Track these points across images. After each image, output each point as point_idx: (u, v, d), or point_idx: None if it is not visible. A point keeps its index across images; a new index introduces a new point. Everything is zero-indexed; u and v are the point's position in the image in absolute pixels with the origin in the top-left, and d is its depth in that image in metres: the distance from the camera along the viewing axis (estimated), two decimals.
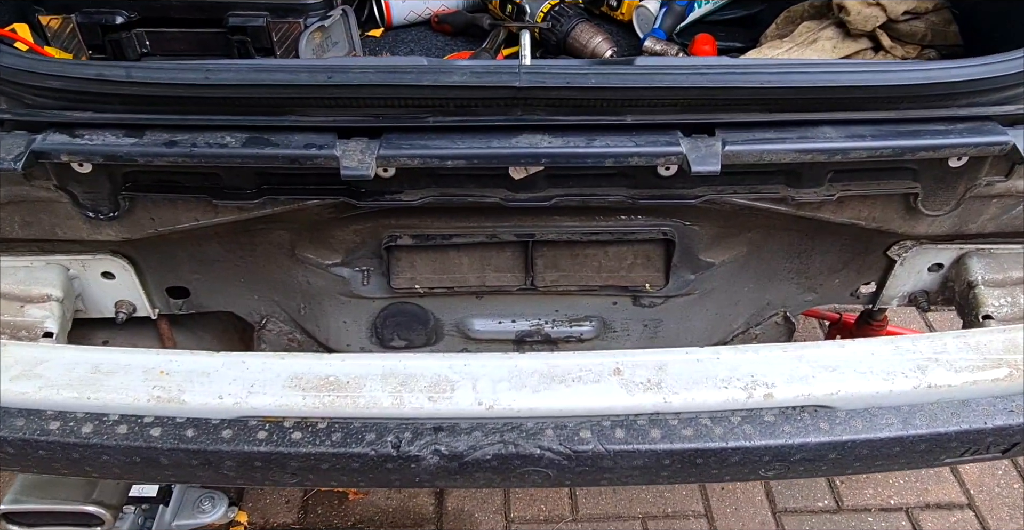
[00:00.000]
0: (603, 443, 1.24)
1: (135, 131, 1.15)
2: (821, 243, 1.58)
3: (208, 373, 1.30)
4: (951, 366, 1.32)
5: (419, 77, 1.09)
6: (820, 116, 1.18)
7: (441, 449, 1.23)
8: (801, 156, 1.16)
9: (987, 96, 1.18)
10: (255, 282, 1.64)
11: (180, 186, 1.27)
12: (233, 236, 1.52)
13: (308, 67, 1.10)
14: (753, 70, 1.14)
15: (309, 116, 1.16)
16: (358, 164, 1.12)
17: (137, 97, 1.13)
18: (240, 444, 1.23)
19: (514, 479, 1.31)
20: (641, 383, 1.28)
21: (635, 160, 1.15)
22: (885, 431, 1.26)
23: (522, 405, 1.25)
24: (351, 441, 1.23)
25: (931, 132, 1.18)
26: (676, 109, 1.17)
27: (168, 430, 1.24)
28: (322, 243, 1.52)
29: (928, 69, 1.14)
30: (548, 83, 1.10)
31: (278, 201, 1.29)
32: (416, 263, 1.53)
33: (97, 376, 1.30)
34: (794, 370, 1.30)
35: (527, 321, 1.65)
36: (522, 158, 1.15)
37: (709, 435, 1.24)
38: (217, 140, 1.13)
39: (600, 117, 1.17)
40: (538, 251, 1.52)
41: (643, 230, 1.47)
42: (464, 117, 1.16)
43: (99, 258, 1.53)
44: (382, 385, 1.27)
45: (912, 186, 1.33)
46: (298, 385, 1.28)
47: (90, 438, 1.23)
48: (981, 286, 1.55)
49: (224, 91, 1.10)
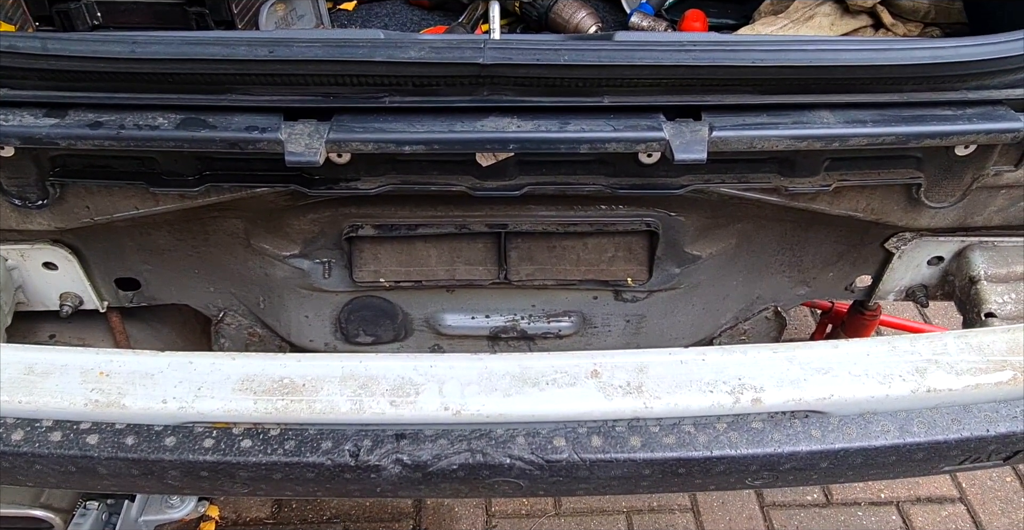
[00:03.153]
0: (578, 452, 1.17)
1: (57, 110, 1.04)
2: (815, 235, 1.51)
3: (152, 375, 1.23)
4: (951, 369, 1.25)
5: (371, 52, 0.98)
6: (817, 98, 1.09)
7: (403, 458, 1.16)
8: (796, 143, 1.06)
9: (999, 78, 1.08)
10: (210, 273, 1.55)
11: (113, 171, 1.16)
12: (183, 224, 1.43)
13: (248, 40, 0.99)
14: (744, 48, 1.03)
15: (252, 95, 1.05)
16: (305, 149, 1.01)
17: (57, 72, 1.01)
18: (184, 453, 1.16)
19: (483, 489, 1.26)
20: (620, 386, 1.21)
21: (613, 146, 1.05)
22: (881, 439, 1.20)
23: (492, 410, 1.18)
24: (306, 450, 1.16)
25: (938, 117, 1.09)
26: (659, 90, 1.06)
27: (106, 437, 1.16)
28: (278, 232, 1.42)
29: (937, 47, 1.04)
30: (516, 60, 0.99)
31: (222, 188, 1.19)
32: (380, 255, 1.43)
33: (31, 378, 1.23)
34: (784, 373, 1.24)
35: (502, 316, 1.56)
36: (488, 143, 1.05)
37: (692, 443, 1.18)
38: (148, 121, 1.02)
39: (575, 98, 1.07)
40: (512, 243, 1.43)
41: (625, 221, 1.39)
42: (424, 97, 1.06)
43: (38, 248, 1.44)
44: (340, 388, 1.20)
45: (915, 176, 1.24)
46: (249, 388, 1.21)
47: (20, 446, 1.16)
48: (984, 281, 1.48)
49: (153, 66, 0.99)
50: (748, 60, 1.01)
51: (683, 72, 1.02)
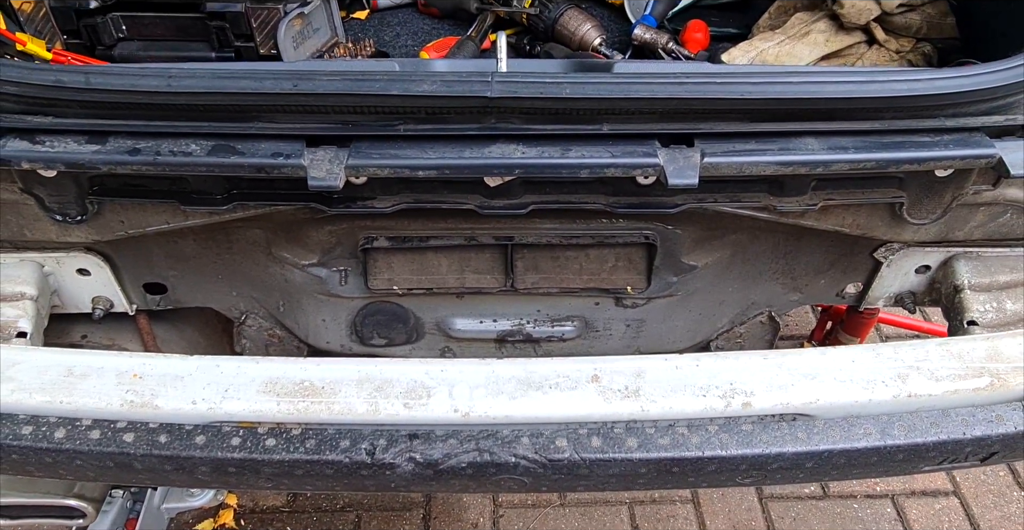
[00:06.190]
0: (579, 452, 1.23)
1: (98, 137, 1.12)
2: (807, 245, 1.56)
3: (182, 377, 1.29)
4: (932, 375, 1.30)
5: (387, 86, 1.06)
6: (802, 126, 1.15)
7: (416, 457, 1.22)
8: (782, 169, 1.13)
9: (975, 107, 1.14)
10: (233, 279, 1.62)
11: (148, 190, 1.24)
12: (209, 234, 1.50)
13: (274, 73, 1.06)
14: (733, 80, 1.10)
15: (277, 122, 1.13)
16: (326, 174, 1.09)
17: (99, 103, 1.09)
18: (214, 450, 1.22)
19: (489, 486, 1.31)
20: (619, 390, 1.27)
21: (611, 171, 1.12)
22: (863, 441, 1.25)
23: (498, 412, 1.24)
24: (325, 448, 1.22)
25: (916, 144, 1.14)
26: (654, 118, 1.13)
27: (141, 435, 1.23)
28: (298, 243, 1.49)
29: (914, 80, 1.10)
30: (521, 93, 1.06)
31: (248, 206, 1.26)
32: (393, 264, 1.51)
33: (70, 379, 1.29)
34: (773, 378, 1.29)
35: (508, 321, 1.63)
36: (495, 169, 1.12)
37: (686, 444, 1.23)
38: (181, 148, 1.10)
39: (576, 126, 1.14)
40: (518, 254, 1.49)
41: (624, 234, 1.45)
42: (436, 125, 1.13)
43: (73, 255, 1.51)
44: (357, 391, 1.26)
45: (897, 195, 1.30)
46: (272, 390, 1.26)
47: (63, 444, 1.22)
48: (967, 290, 1.52)
49: (187, 99, 1.07)
50: (736, 93, 1.07)
51: (676, 103, 1.08)
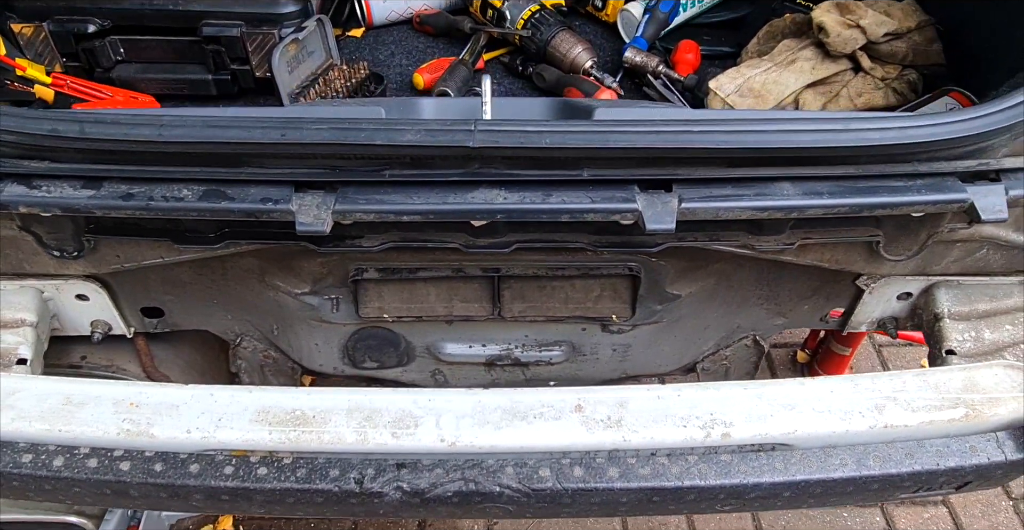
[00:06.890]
0: (561, 481, 1.26)
1: (92, 183, 1.15)
2: (790, 273, 1.58)
3: (177, 406, 1.31)
4: (908, 405, 1.32)
5: (373, 136, 1.08)
6: (779, 172, 1.17)
7: (403, 486, 1.25)
8: (758, 213, 1.15)
9: (947, 152, 1.16)
10: (228, 304, 1.66)
11: (143, 229, 1.28)
12: (203, 262, 1.52)
13: (262, 122, 1.09)
14: (710, 129, 1.12)
15: (266, 168, 1.16)
16: (313, 220, 1.12)
17: (94, 150, 1.12)
18: (207, 479, 1.25)
19: (475, 513, 1.34)
20: (602, 420, 1.29)
21: (591, 216, 1.15)
22: (839, 471, 1.27)
23: (484, 442, 1.27)
24: (315, 477, 1.25)
25: (889, 189, 1.17)
26: (633, 164, 1.16)
27: (137, 464, 1.26)
28: (291, 272, 1.53)
29: (887, 128, 1.12)
30: (502, 143, 1.09)
31: (240, 243, 1.30)
32: (383, 294, 1.54)
33: (69, 408, 1.31)
34: (753, 408, 1.31)
35: (497, 346, 1.67)
36: (478, 214, 1.15)
37: (666, 474, 1.26)
38: (174, 194, 1.13)
39: (557, 172, 1.16)
40: (505, 284, 1.53)
41: (609, 265, 1.48)
42: (421, 170, 1.16)
43: (71, 283, 1.54)
44: (347, 420, 1.29)
45: (874, 233, 1.33)
46: (265, 419, 1.29)
47: (61, 471, 1.25)
48: (946, 319, 1.53)
49: (178, 147, 1.10)
50: (712, 143, 1.10)
51: (654, 152, 1.11)
